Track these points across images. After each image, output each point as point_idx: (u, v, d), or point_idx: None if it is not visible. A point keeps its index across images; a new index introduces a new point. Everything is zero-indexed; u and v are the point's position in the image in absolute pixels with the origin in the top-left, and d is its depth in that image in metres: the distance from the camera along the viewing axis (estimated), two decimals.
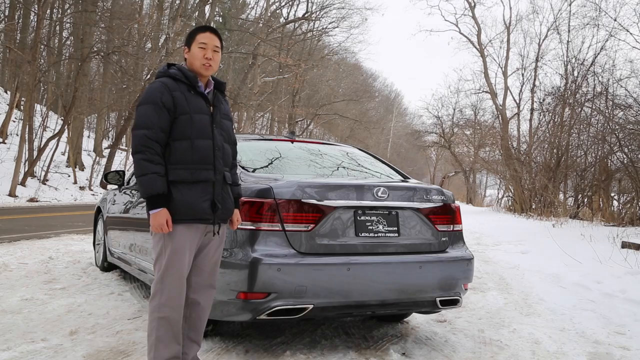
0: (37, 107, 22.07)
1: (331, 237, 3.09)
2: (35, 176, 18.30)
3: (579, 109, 15.96)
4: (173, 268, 2.54)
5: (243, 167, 3.44)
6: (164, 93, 2.54)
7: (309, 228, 3.04)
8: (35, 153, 18.00)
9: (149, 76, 20.78)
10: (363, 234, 3.17)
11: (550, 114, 18.24)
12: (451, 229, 3.53)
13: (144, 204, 2.78)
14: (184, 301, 2.62)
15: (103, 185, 20.62)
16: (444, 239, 3.45)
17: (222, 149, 2.69)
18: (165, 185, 2.50)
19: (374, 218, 3.22)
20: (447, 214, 3.49)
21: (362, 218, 3.19)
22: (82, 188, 20.28)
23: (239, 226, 2.90)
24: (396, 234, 3.27)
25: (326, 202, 3.09)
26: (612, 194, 14.28)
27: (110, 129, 30.89)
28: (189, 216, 2.55)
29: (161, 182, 2.49)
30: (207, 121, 2.63)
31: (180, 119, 2.56)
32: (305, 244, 3.03)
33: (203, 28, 2.70)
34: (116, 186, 5.37)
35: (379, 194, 3.22)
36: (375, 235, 3.21)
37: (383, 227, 3.24)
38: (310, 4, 32.91)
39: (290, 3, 33.19)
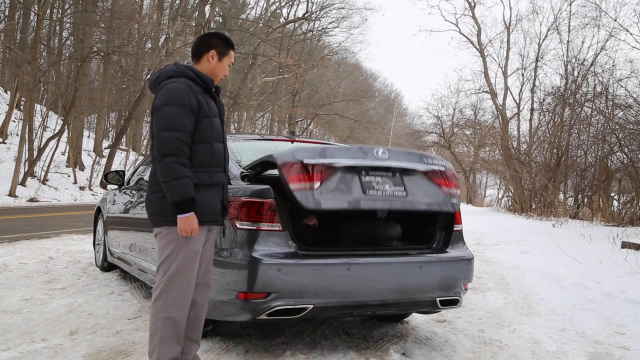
0: (37, 107, 22.05)
1: (337, 193, 2.96)
2: (35, 176, 18.30)
3: (579, 109, 15.97)
4: (185, 269, 2.55)
5: (243, 167, 3.44)
6: (190, 95, 2.52)
7: (316, 187, 2.90)
8: (35, 153, 17.99)
9: (148, 76, 20.78)
10: (370, 192, 3.04)
11: (550, 114, 18.26)
12: (452, 229, 3.54)
13: (144, 204, 2.77)
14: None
15: (103, 185, 20.61)
16: (454, 200, 3.32)
17: (228, 152, 2.77)
18: (194, 189, 2.50)
19: (378, 179, 3.09)
20: (450, 179, 3.34)
21: (367, 179, 3.06)
22: (82, 188, 20.27)
23: (239, 226, 2.91)
24: (404, 193, 3.14)
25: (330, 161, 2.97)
26: (612, 194, 14.29)
27: (110, 129, 30.88)
28: (207, 218, 2.59)
29: (192, 186, 2.49)
30: (219, 124, 2.67)
31: (203, 122, 2.56)
32: (312, 200, 2.87)
33: (232, 44, 2.73)
34: (116, 186, 5.38)
35: (380, 156, 3.10)
36: (383, 194, 3.07)
37: (389, 187, 3.11)
38: (310, 4, 32.92)
39: (290, 3, 33.17)
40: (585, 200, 15.13)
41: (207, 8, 29.52)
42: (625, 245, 7.71)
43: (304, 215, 3.57)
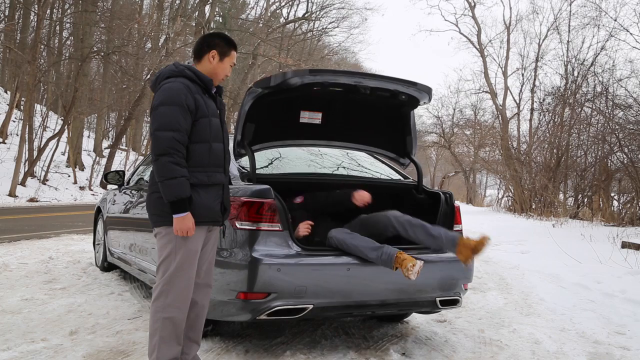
0: (37, 107, 22.04)
1: None
2: (35, 176, 18.30)
3: (579, 109, 15.97)
4: (184, 269, 2.55)
5: (243, 167, 3.44)
6: (187, 95, 2.52)
7: None
8: (35, 153, 17.99)
9: (148, 76, 20.77)
10: None
11: (550, 114, 18.26)
12: (452, 229, 3.53)
13: (144, 204, 2.77)
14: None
15: (103, 185, 20.59)
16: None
17: (228, 152, 2.76)
18: (190, 189, 2.50)
19: None
20: None
21: None
22: (82, 188, 20.27)
23: (239, 226, 2.91)
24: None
25: None
26: (612, 194, 14.29)
27: (110, 129, 30.87)
28: (206, 218, 2.58)
29: (188, 185, 2.48)
30: (219, 124, 2.66)
31: (201, 122, 2.56)
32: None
33: (234, 45, 2.72)
34: (116, 186, 5.38)
35: None
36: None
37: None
38: (310, 4, 32.88)
39: (290, 3, 33.14)
40: (585, 200, 15.13)
41: (207, 8, 29.51)
42: (625, 245, 7.71)
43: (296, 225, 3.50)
